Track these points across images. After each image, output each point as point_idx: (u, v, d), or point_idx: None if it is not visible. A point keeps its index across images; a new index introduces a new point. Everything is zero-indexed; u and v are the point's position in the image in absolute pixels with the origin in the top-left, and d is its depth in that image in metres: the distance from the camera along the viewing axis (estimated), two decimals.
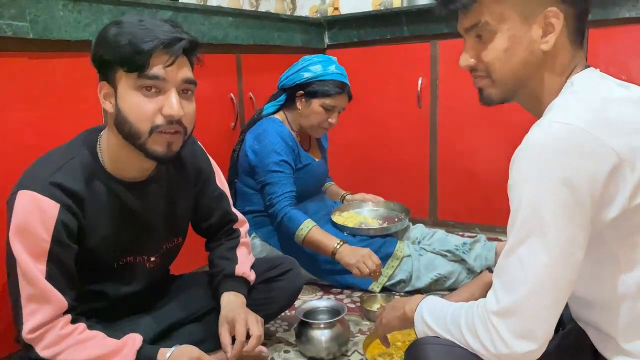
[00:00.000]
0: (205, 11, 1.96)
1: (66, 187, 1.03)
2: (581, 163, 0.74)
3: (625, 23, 1.99)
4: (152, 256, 1.23)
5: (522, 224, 0.78)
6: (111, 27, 1.02)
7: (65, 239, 1.03)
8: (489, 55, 0.87)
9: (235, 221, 1.42)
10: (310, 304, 1.55)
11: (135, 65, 0.99)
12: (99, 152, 1.12)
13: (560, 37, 0.84)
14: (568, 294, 0.80)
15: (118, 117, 1.04)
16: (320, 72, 1.86)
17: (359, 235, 1.89)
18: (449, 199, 2.53)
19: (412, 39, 2.46)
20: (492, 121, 2.32)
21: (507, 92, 0.90)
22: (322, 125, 1.91)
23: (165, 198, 1.23)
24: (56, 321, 1.02)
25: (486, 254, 1.83)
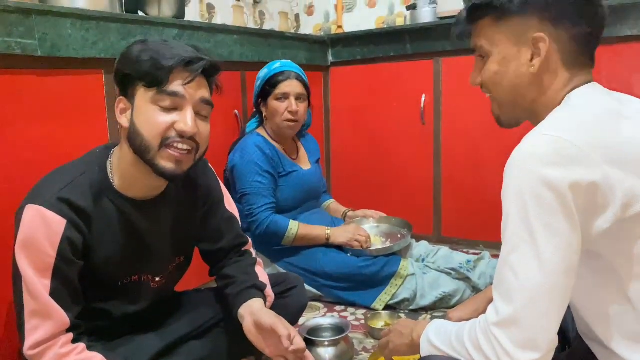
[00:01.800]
0: (210, 29, 1.99)
1: (73, 203, 1.03)
2: (563, 171, 0.75)
3: (627, 41, 2.01)
4: (158, 276, 1.22)
5: (512, 232, 0.79)
6: (136, 45, 1.05)
7: (70, 255, 1.02)
8: (484, 75, 0.94)
9: (247, 243, 1.39)
10: (314, 321, 1.54)
11: (155, 80, 1.01)
12: (109, 169, 1.11)
13: (550, 60, 0.87)
14: (566, 300, 0.79)
15: (131, 130, 1.04)
16: (265, 73, 1.95)
17: (362, 256, 1.88)
18: (453, 215, 2.52)
19: (415, 57, 2.49)
20: (496, 137, 2.32)
21: (510, 113, 0.95)
22: (286, 118, 1.92)
23: (173, 218, 1.22)
24: (57, 339, 1.02)
25: (491, 271, 1.82)
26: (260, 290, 1.27)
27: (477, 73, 0.96)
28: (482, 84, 0.96)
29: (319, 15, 3.24)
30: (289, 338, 1.10)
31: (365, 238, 1.90)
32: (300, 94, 1.94)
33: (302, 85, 1.95)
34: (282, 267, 1.92)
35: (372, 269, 1.84)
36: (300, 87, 1.94)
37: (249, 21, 2.94)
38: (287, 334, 1.10)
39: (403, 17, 2.94)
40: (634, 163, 0.77)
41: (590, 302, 0.86)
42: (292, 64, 1.98)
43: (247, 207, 1.87)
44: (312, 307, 1.90)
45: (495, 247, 2.31)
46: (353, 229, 1.93)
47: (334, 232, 1.91)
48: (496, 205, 2.62)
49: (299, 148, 2.12)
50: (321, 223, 1.97)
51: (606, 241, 0.79)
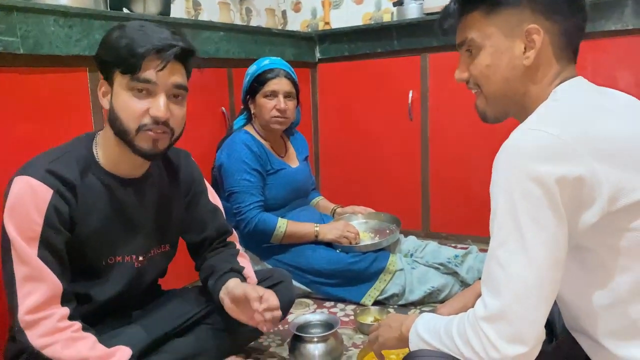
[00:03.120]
0: (196, 26, 1.97)
1: (60, 175, 1.06)
2: (549, 165, 0.75)
3: (611, 35, 2.03)
4: (140, 255, 1.24)
5: (500, 226, 0.80)
6: (115, 30, 1.10)
7: (57, 224, 1.05)
8: (474, 70, 0.93)
9: (231, 233, 1.43)
10: (304, 317, 1.54)
11: (129, 67, 1.05)
12: (94, 149, 1.16)
13: (543, 53, 0.88)
14: (553, 294, 0.80)
15: (111, 114, 1.10)
16: (254, 70, 1.95)
17: (351, 252, 1.89)
18: (441, 210, 2.53)
19: (402, 53, 2.49)
20: (483, 132, 2.32)
21: (498, 108, 0.95)
22: (273, 115, 1.92)
23: (157, 200, 1.25)
24: (54, 310, 1.03)
25: (478, 265, 1.84)
26: (237, 272, 1.31)
27: (464, 68, 0.95)
28: (469, 80, 0.95)
29: (306, 12, 3.23)
30: (258, 300, 1.16)
31: (354, 234, 1.91)
32: (288, 92, 1.93)
33: (291, 83, 1.95)
34: (271, 265, 1.92)
35: (361, 264, 1.85)
36: (289, 85, 1.94)
37: (235, 18, 2.93)
38: (257, 296, 1.16)
39: (390, 13, 2.94)
40: (619, 156, 0.78)
41: (577, 296, 0.87)
42: (282, 62, 1.98)
43: (235, 205, 1.86)
44: (301, 303, 1.90)
45: (483, 242, 2.32)
46: (342, 226, 1.93)
47: (323, 228, 1.92)
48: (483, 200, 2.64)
49: (287, 146, 2.11)
50: (310, 220, 1.97)
51: (594, 235, 0.79)
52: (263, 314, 1.16)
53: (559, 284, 0.80)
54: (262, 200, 1.89)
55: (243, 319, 1.23)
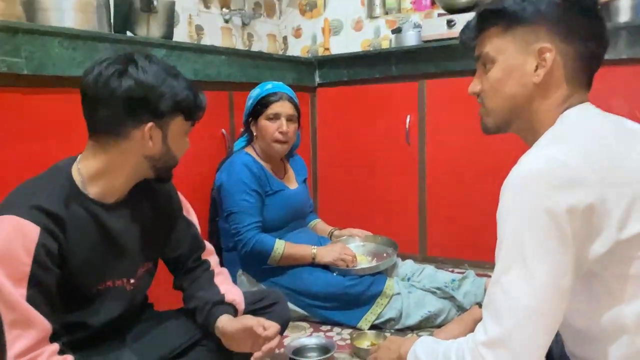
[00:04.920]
0: (198, 50, 2.01)
1: (46, 210, 1.03)
2: (561, 195, 0.76)
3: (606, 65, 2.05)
4: (132, 278, 1.23)
5: (506, 254, 0.80)
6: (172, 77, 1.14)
7: (47, 262, 1.02)
8: (485, 83, 0.95)
9: (204, 249, 1.42)
10: (300, 341, 1.53)
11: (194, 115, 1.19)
12: (76, 177, 1.13)
13: (553, 73, 0.88)
14: (556, 324, 0.80)
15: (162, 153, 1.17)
16: (257, 93, 1.97)
17: (348, 275, 1.88)
18: (438, 234, 2.54)
19: (400, 79, 2.53)
20: (480, 157, 2.36)
21: (500, 121, 0.96)
22: (275, 138, 1.94)
23: (139, 220, 1.25)
24: (43, 349, 1.00)
25: (475, 290, 1.83)
26: (221, 303, 1.30)
27: (478, 81, 0.97)
28: (479, 93, 0.97)
29: (307, 38, 3.29)
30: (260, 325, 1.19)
31: (351, 257, 1.91)
32: (291, 115, 1.96)
33: (293, 107, 1.97)
34: (267, 287, 1.91)
35: (358, 288, 1.84)
36: (292, 108, 1.97)
37: (237, 43, 2.98)
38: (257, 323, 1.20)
39: (388, 40, 2.99)
40: (629, 184, 0.78)
41: (583, 323, 0.86)
42: (284, 86, 2.00)
43: (233, 225, 1.86)
44: (297, 327, 1.88)
45: (480, 267, 2.32)
46: (339, 248, 1.93)
47: (320, 251, 1.92)
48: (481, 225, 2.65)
49: (287, 168, 2.13)
50: (307, 242, 1.97)
51: (603, 262, 0.79)
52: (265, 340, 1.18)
53: (562, 313, 0.80)
54: (260, 221, 1.89)
55: (245, 350, 1.23)
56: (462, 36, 1.00)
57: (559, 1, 0.87)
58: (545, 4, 0.88)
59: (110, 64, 1.10)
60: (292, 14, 3.32)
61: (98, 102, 1.10)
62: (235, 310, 1.32)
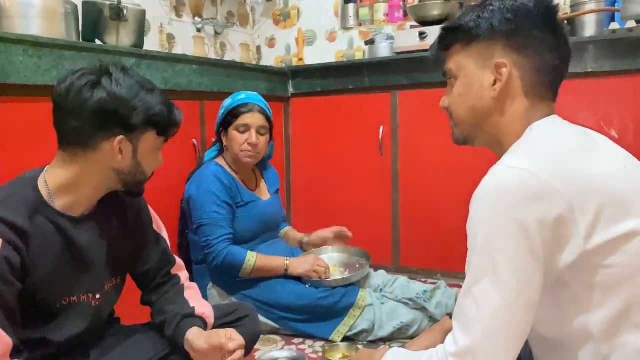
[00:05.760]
0: (168, 59, 1.99)
1: (9, 222, 1.00)
2: (531, 206, 0.77)
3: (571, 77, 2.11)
4: (97, 293, 1.20)
5: (476, 264, 0.81)
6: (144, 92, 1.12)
7: (9, 276, 0.99)
8: (450, 99, 0.98)
9: (173, 264, 1.39)
10: (271, 354, 1.51)
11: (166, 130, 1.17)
12: (42, 188, 1.10)
13: (510, 87, 0.90)
14: (524, 334, 0.80)
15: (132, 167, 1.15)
16: (229, 103, 1.96)
17: (320, 287, 1.87)
18: (411, 245, 2.55)
19: (373, 90, 2.55)
20: (453, 168, 2.38)
21: (466, 134, 0.98)
22: (244, 149, 1.92)
23: (107, 234, 1.22)
24: None
25: (446, 301, 1.84)
26: (190, 316, 1.28)
27: (447, 97, 1.00)
28: (447, 107, 0.99)
29: (280, 48, 3.29)
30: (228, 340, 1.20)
31: (324, 269, 1.90)
32: (262, 126, 1.94)
33: (265, 119, 1.96)
34: (239, 300, 1.88)
35: (331, 299, 1.83)
36: (263, 120, 1.95)
37: (210, 52, 2.96)
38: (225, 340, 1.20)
39: (362, 51, 3.02)
40: (596, 194, 0.79)
41: (551, 331, 0.87)
42: (257, 97, 1.99)
43: (203, 238, 1.84)
44: (269, 340, 1.86)
45: (452, 277, 2.33)
46: (312, 260, 1.92)
47: (293, 262, 1.90)
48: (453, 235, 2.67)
49: (258, 178, 2.11)
50: (280, 254, 1.95)
51: (570, 271, 0.80)
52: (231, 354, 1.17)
53: (530, 324, 0.80)
54: (231, 233, 1.87)
55: None
56: (430, 54, 1.04)
57: (510, 17, 0.89)
58: (497, 20, 0.90)
59: (84, 75, 1.08)
60: (265, 24, 3.32)
61: (68, 112, 1.08)
62: (205, 324, 1.29)
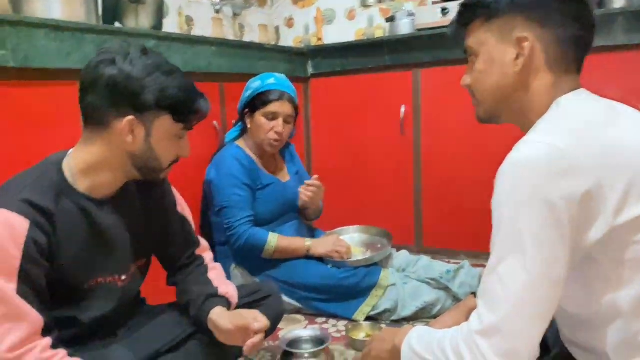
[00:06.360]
0: (188, 40, 1.98)
1: (36, 204, 1.02)
2: (558, 182, 0.75)
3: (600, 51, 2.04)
4: (123, 275, 1.22)
5: (502, 242, 0.79)
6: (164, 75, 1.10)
7: (36, 256, 1.01)
8: (471, 76, 0.96)
9: (198, 245, 1.42)
10: (294, 333, 1.52)
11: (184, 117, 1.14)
12: (66, 171, 1.12)
13: (533, 61, 0.88)
14: (551, 312, 0.79)
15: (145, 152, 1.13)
16: (258, 85, 1.92)
17: (342, 267, 1.87)
18: (433, 225, 2.53)
19: (394, 68, 2.50)
20: (476, 146, 2.34)
21: (490, 112, 0.96)
22: (269, 137, 1.90)
23: (131, 216, 1.24)
24: (36, 343, 1.00)
25: (470, 281, 1.83)
26: (214, 296, 1.30)
27: (468, 75, 0.98)
28: (469, 86, 0.97)
29: (299, 28, 3.26)
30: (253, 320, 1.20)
31: (346, 249, 1.90)
32: (289, 115, 1.93)
33: (293, 108, 1.94)
34: (261, 280, 1.89)
35: (353, 280, 1.84)
36: (291, 109, 1.93)
37: (228, 34, 2.94)
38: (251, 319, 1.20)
39: (382, 29, 2.97)
40: (624, 168, 0.77)
41: (579, 308, 0.86)
42: (287, 82, 1.96)
43: (225, 220, 1.85)
44: (292, 319, 1.88)
45: (476, 257, 2.31)
46: (333, 240, 1.92)
47: (314, 243, 1.90)
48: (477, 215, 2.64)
49: (278, 161, 2.10)
50: (300, 235, 1.96)
51: (599, 247, 0.79)
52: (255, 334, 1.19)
53: (557, 302, 0.79)
54: (252, 215, 1.87)
55: (239, 344, 1.22)
56: (448, 31, 1.02)
57: None
58: None
59: (103, 53, 1.10)
60: (284, 4, 3.28)
61: (85, 88, 1.10)
62: (228, 304, 1.31)
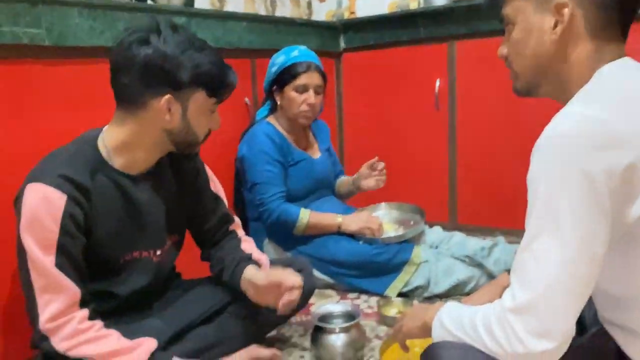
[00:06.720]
0: (219, 16, 1.97)
1: (73, 179, 1.05)
2: (598, 155, 0.71)
3: None
4: (158, 250, 1.25)
5: (537, 218, 0.76)
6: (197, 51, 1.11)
7: (73, 230, 1.05)
8: (508, 46, 0.92)
9: (233, 222, 1.44)
10: (326, 308, 1.52)
11: (217, 92, 1.16)
12: (101, 148, 1.15)
13: (573, 28, 0.83)
14: (588, 291, 0.76)
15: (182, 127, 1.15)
16: (283, 60, 1.90)
17: (374, 244, 1.86)
18: (468, 202, 2.48)
19: (428, 41, 2.44)
20: (513, 121, 2.27)
21: (528, 84, 0.92)
22: (302, 109, 1.89)
23: (165, 192, 1.26)
24: (74, 314, 1.04)
25: (505, 258, 1.79)
26: (247, 260, 1.33)
27: (505, 45, 0.94)
28: (506, 56, 0.94)
29: (332, 1, 3.19)
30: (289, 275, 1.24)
31: (378, 226, 1.88)
32: (319, 86, 1.91)
33: (321, 77, 1.92)
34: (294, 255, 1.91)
35: (385, 256, 1.82)
36: (320, 78, 1.92)
37: (260, 9, 2.91)
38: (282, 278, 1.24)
39: (416, 0, 2.88)
40: None
41: (618, 289, 0.83)
42: (311, 53, 1.95)
43: (258, 196, 1.86)
44: (324, 294, 1.89)
45: (511, 235, 2.26)
46: (365, 217, 1.91)
47: (346, 220, 1.89)
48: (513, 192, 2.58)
49: (309, 137, 2.09)
50: (333, 211, 1.95)
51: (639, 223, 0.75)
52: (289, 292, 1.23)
53: (594, 280, 0.76)
54: (284, 190, 1.88)
55: (273, 303, 1.26)
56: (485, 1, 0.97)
57: None
58: None
59: (134, 32, 1.10)
60: None
61: (119, 69, 1.11)
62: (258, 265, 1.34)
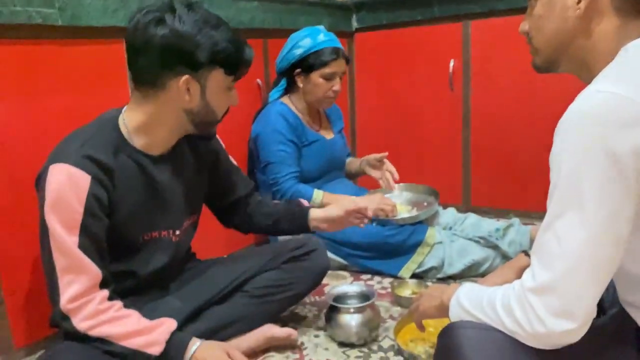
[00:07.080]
0: None
1: (96, 159, 1.06)
2: (624, 133, 0.69)
3: None
4: (177, 230, 1.26)
5: (560, 197, 0.75)
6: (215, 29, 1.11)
7: (97, 211, 1.05)
8: (530, 22, 0.90)
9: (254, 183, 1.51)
10: (341, 288, 1.53)
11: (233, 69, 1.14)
12: (122, 128, 1.14)
13: (597, 3, 0.81)
14: (611, 271, 0.75)
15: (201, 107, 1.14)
16: (310, 44, 1.87)
17: (388, 225, 1.85)
18: (482, 184, 2.46)
19: (443, 20, 2.39)
20: (528, 102, 2.24)
21: (548, 60, 0.90)
22: (327, 95, 1.90)
23: (185, 172, 1.27)
24: (94, 295, 1.05)
25: (520, 239, 1.78)
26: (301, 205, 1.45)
27: (526, 20, 0.92)
28: (528, 32, 0.92)
29: None
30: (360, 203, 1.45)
31: (391, 207, 1.87)
32: (343, 72, 1.92)
33: (346, 63, 1.93)
34: None
35: (398, 237, 1.82)
36: (345, 65, 1.92)
37: None
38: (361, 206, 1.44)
39: None
40: None
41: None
42: (334, 37, 1.93)
43: (271, 176, 1.85)
44: (338, 276, 1.89)
45: (526, 216, 2.24)
46: (378, 198, 1.90)
47: (359, 201, 1.88)
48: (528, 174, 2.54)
49: (322, 118, 2.08)
50: (345, 193, 1.94)
51: None
52: None
53: (618, 261, 0.75)
54: (297, 170, 1.87)
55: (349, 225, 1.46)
56: None
57: None
58: None
59: (149, 12, 1.08)
60: None
61: (136, 51, 1.10)
62: None
